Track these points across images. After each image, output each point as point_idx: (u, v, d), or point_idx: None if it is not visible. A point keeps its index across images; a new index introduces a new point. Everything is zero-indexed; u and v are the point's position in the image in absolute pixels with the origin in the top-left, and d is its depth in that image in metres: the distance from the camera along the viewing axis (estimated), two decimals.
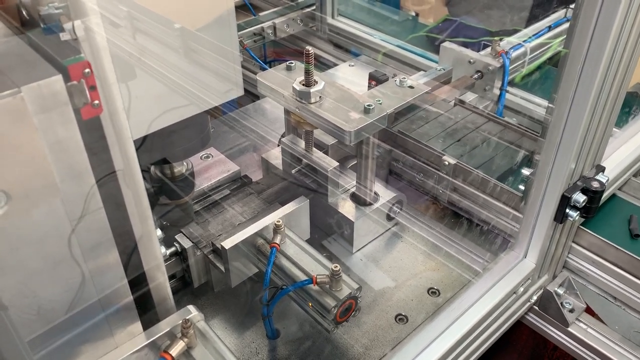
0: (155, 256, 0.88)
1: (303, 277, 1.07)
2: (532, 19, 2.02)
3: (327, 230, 1.40)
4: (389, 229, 1.42)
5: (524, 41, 1.80)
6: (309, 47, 1.17)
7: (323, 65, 2.17)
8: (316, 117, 1.19)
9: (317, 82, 1.21)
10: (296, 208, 1.20)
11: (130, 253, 0.85)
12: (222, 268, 1.16)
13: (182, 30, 0.94)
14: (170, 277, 1.24)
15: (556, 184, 1.05)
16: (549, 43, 1.89)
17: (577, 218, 1.07)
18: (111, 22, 0.80)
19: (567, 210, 1.06)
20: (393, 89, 1.56)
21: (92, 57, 0.66)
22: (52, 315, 0.77)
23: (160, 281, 0.94)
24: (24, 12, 0.70)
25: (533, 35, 1.85)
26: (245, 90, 1.09)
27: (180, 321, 0.90)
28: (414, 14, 2.36)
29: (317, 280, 1.03)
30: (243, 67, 1.07)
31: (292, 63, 1.31)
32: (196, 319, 0.94)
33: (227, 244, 1.12)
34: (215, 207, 1.32)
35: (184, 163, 1.24)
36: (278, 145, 1.43)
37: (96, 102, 0.67)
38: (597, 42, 0.90)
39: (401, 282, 1.30)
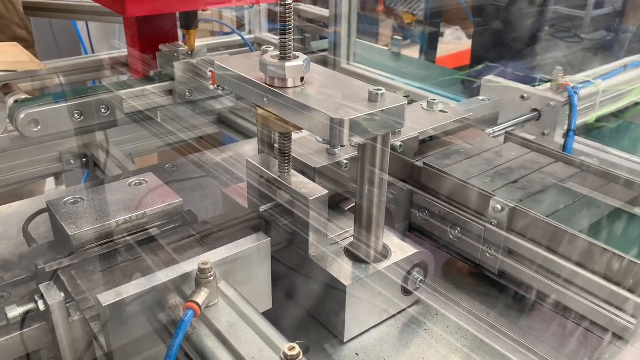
0: None
1: None
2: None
3: (305, 303, 0.89)
4: (405, 309, 0.90)
5: (595, 79, 1.36)
6: None
7: None
8: (292, 106, 0.74)
9: (297, 57, 0.78)
10: (246, 250, 0.71)
11: None
12: (104, 344, 0.66)
13: None
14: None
15: None
16: (623, 89, 1.45)
17: None
18: None
19: None
20: (417, 113, 1.11)
21: None
22: None
23: None
24: None
25: (604, 75, 1.42)
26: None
27: None
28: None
29: None
30: None
31: (270, 47, 0.88)
32: None
33: (107, 298, 0.62)
34: (130, 251, 0.84)
35: None
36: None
37: None
38: None
39: None
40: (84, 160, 1.64)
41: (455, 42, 4.22)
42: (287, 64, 0.76)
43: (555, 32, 3.61)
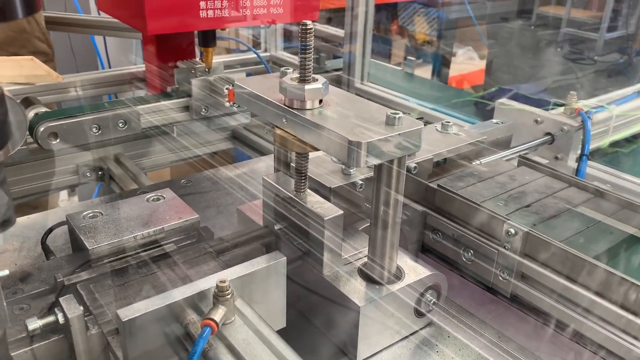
0: None
1: None
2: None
3: (318, 322, 0.89)
4: (417, 331, 0.90)
5: (608, 103, 1.37)
6: (307, 21, 0.77)
7: None
8: (310, 127, 0.76)
9: (316, 80, 0.79)
10: (262, 268, 0.72)
11: None
12: (122, 358, 0.67)
13: None
14: None
15: None
16: (637, 115, 1.46)
17: None
18: None
19: None
20: (431, 135, 1.13)
21: None
22: None
23: None
24: None
25: (617, 100, 1.43)
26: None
27: None
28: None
29: None
30: None
31: (289, 69, 0.90)
32: None
33: (126, 313, 0.63)
34: (147, 266, 0.85)
35: None
36: None
37: None
38: None
39: None
40: (99, 173, 1.66)
41: (467, 62, 4.24)
42: (307, 87, 0.77)
43: (569, 54, 3.63)
